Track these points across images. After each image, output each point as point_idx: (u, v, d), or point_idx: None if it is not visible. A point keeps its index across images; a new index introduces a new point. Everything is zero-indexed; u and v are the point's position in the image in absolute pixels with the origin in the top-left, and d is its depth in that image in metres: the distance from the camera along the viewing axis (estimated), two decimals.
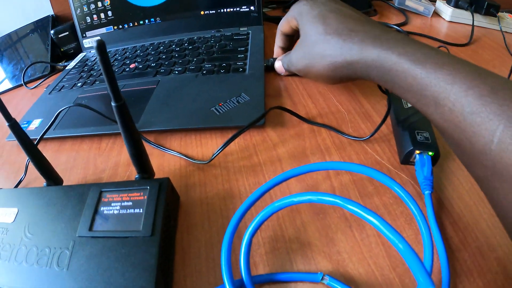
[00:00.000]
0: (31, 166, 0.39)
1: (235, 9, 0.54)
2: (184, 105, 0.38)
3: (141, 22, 0.57)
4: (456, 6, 0.53)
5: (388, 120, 0.35)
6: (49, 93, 0.51)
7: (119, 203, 0.27)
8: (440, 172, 0.29)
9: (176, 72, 0.45)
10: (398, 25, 0.55)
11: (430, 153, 0.27)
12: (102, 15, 0.58)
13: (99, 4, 0.57)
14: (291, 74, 0.42)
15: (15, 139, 0.44)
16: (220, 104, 0.37)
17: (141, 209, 0.26)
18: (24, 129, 0.45)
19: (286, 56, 0.39)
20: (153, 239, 0.24)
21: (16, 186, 0.38)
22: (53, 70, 0.61)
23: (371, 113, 0.36)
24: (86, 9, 0.58)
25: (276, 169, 0.32)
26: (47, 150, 0.42)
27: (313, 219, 0.27)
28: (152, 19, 0.57)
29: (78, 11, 0.59)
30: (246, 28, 0.54)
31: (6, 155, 0.44)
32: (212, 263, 0.25)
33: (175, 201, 0.30)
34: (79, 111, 0.43)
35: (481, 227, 0.25)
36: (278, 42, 0.42)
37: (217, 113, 0.36)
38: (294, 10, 0.35)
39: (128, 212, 0.27)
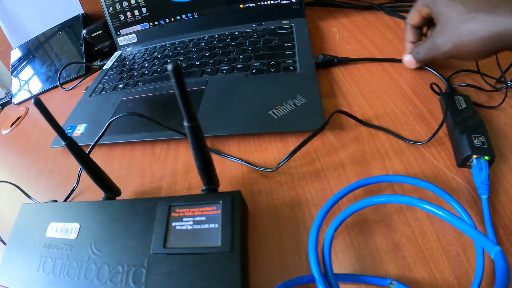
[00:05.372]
0: (83, 174, 0.40)
1: (275, 1, 0.53)
2: (239, 108, 0.39)
3: (178, 17, 0.58)
4: None
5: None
6: (90, 96, 0.52)
7: (191, 218, 0.28)
8: (493, 175, 0.30)
9: (224, 71, 0.45)
10: None
11: (487, 157, 0.29)
12: (136, 12, 0.59)
13: (132, 1, 0.58)
14: (421, 64, 0.41)
15: (60, 145, 0.45)
16: (277, 107, 0.38)
17: (216, 224, 0.27)
18: (69, 134, 0.47)
19: (421, 45, 0.40)
20: (233, 254, 0.25)
21: (68, 196, 0.39)
22: (89, 70, 0.62)
23: (425, 114, 0.36)
24: (119, 7, 0.59)
25: (340, 174, 0.33)
26: (97, 157, 0.43)
27: (379, 226, 0.28)
28: (190, 14, 0.57)
29: (110, 9, 0.59)
30: (288, 21, 0.53)
31: (52, 163, 0.46)
32: (287, 271, 0.27)
33: (246, 212, 0.31)
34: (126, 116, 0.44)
35: None
36: (409, 37, 0.43)
37: (276, 117, 0.37)
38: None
39: (202, 227, 0.27)
